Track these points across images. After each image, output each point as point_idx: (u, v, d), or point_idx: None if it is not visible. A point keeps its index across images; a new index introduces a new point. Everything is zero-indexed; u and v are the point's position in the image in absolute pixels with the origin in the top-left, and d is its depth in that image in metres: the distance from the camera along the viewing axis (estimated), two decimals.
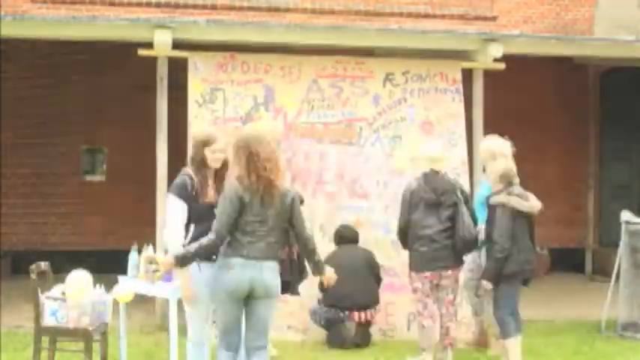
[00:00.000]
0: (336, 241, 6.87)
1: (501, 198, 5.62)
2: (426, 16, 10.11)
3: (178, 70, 7.47)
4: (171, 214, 4.71)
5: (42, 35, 7.52)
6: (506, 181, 5.71)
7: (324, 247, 7.00)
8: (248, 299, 4.41)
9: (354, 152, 7.34)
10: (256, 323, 4.45)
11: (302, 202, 5.14)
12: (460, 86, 7.69)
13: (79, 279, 5.05)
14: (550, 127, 11.15)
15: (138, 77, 9.93)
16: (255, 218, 4.38)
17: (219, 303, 4.50)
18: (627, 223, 7.22)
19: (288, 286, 5.09)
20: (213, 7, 9.69)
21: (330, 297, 6.43)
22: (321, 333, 6.78)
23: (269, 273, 4.40)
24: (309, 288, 6.96)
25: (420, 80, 7.61)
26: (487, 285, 5.63)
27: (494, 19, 10.25)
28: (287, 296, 6.73)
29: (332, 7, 9.93)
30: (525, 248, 5.63)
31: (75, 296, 4.97)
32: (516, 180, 5.80)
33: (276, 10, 9.78)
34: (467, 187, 7.47)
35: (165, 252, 4.82)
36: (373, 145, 7.39)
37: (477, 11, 10.31)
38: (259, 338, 4.46)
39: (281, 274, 4.60)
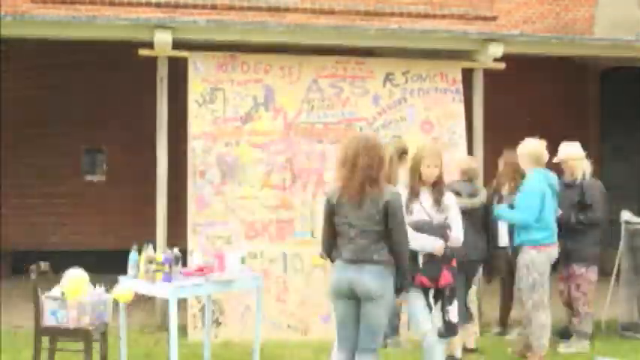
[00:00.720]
0: None
1: None
2: (426, 16, 10.11)
3: (178, 70, 7.47)
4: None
5: (42, 35, 7.51)
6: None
7: None
8: (359, 301, 4.41)
9: None
10: (363, 325, 4.43)
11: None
12: (460, 86, 7.70)
13: (76, 278, 5.04)
14: (550, 127, 11.11)
15: (138, 77, 9.95)
16: (343, 220, 4.39)
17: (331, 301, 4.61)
18: (627, 223, 7.22)
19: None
20: (213, 7, 9.69)
21: None
22: (321, 333, 6.78)
23: (367, 275, 4.33)
24: (309, 287, 6.99)
25: (420, 80, 7.62)
26: None
27: (494, 19, 10.25)
28: (287, 296, 6.78)
29: (332, 7, 9.93)
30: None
31: (72, 295, 4.96)
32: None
33: (276, 10, 9.78)
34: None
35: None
36: None
37: (477, 11, 10.31)
38: (365, 340, 4.42)
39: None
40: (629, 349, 6.63)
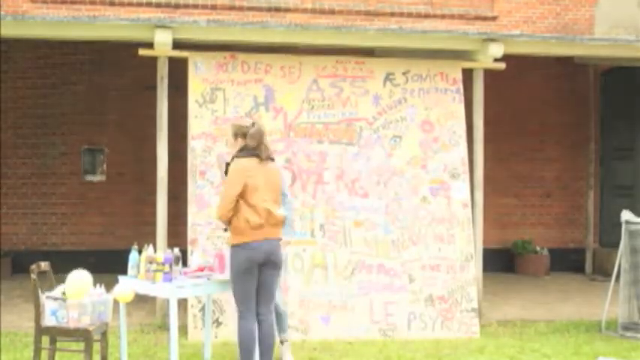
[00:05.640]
0: None
1: None
2: (427, 16, 10.11)
3: (178, 70, 7.47)
4: None
5: (42, 35, 7.51)
6: None
7: (323, 246, 7.02)
8: None
9: (354, 152, 7.35)
10: None
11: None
12: (460, 86, 7.70)
13: (79, 279, 5.04)
14: (550, 127, 11.16)
15: (138, 77, 9.95)
16: None
17: None
18: (627, 223, 7.22)
19: None
20: (213, 7, 9.69)
21: None
22: (320, 332, 6.78)
23: None
24: (309, 287, 6.99)
25: (420, 80, 7.62)
26: None
27: (494, 19, 10.25)
28: (287, 296, 6.76)
29: (332, 7, 9.92)
30: None
31: (75, 296, 4.96)
32: None
33: (277, 10, 9.77)
34: (467, 187, 7.49)
35: None
36: (373, 145, 7.40)
37: (478, 11, 10.30)
38: None
39: None
40: (629, 349, 6.64)
